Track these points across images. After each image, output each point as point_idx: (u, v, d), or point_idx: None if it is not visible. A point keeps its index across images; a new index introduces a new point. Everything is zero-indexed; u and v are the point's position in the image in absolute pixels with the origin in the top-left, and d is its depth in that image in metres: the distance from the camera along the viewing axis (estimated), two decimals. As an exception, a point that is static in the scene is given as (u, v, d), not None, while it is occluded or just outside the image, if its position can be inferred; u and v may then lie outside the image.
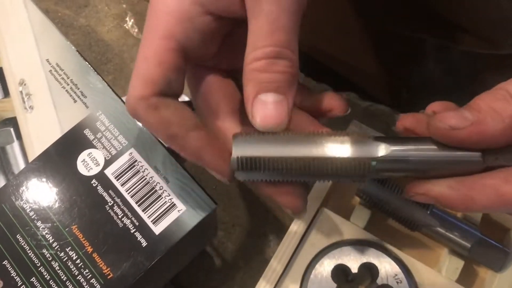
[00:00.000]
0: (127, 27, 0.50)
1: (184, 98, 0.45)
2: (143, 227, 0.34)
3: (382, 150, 0.27)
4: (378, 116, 0.45)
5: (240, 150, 0.28)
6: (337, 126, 0.37)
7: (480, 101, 0.26)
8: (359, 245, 0.38)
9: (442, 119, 0.26)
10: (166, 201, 0.34)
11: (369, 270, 0.37)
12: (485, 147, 0.26)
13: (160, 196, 0.34)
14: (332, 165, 0.27)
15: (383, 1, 0.47)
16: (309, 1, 0.31)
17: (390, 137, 0.28)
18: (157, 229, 0.34)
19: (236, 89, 0.33)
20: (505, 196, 0.25)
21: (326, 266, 0.37)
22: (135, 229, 0.34)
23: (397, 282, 0.36)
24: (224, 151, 0.30)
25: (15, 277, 0.34)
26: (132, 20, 0.50)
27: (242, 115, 0.31)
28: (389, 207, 0.38)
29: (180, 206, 0.34)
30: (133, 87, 0.29)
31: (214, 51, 0.31)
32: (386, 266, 0.37)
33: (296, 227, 0.38)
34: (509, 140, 0.25)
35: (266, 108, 0.29)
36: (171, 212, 0.34)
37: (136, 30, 0.50)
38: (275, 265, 0.37)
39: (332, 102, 0.34)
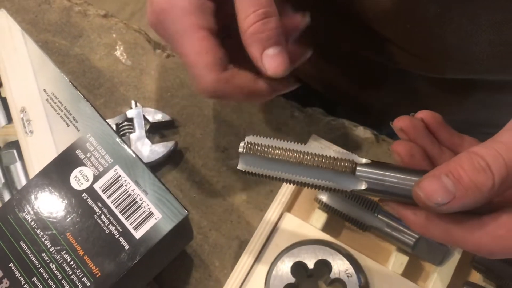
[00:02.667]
0: (117, 55, 0.56)
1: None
2: (126, 233, 0.39)
3: (362, 185, 0.32)
4: (339, 129, 0.50)
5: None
6: (296, 138, 0.43)
7: (461, 170, 0.28)
8: (316, 244, 0.43)
9: (428, 197, 0.28)
10: (145, 210, 0.40)
11: (325, 266, 0.43)
12: None
13: (140, 206, 0.40)
14: (319, 187, 0.33)
15: (340, 27, 0.52)
16: None
17: (376, 167, 0.32)
18: (138, 234, 0.39)
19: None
20: (453, 238, 0.30)
21: (286, 263, 0.42)
22: (119, 235, 0.39)
23: (348, 276, 0.42)
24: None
25: (19, 277, 0.40)
26: (121, 49, 0.56)
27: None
28: (343, 211, 0.43)
29: (157, 214, 0.40)
30: (202, 76, 0.37)
31: (220, 24, 0.39)
32: (338, 263, 0.42)
33: (262, 229, 0.44)
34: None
35: (273, 60, 0.36)
36: (149, 220, 0.40)
37: (125, 57, 0.56)
38: (244, 262, 0.43)
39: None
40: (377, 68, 0.55)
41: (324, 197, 0.44)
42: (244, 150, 0.34)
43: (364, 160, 0.33)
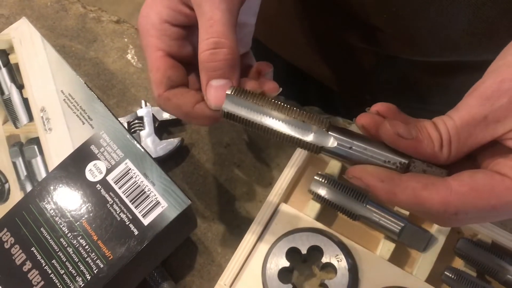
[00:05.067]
0: (128, 58, 0.60)
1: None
2: (135, 220, 0.44)
3: (332, 142, 0.34)
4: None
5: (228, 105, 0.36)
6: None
7: (424, 125, 0.32)
8: (309, 232, 0.47)
9: (393, 126, 0.32)
10: (152, 200, 0.44)
11: (317, 251, 0.46)
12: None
13: (148, 196, 0.44)
14: (293, 140, 0.35)
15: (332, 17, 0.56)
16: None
17: (343, 131, 0.35)
18: (146, 221, 0.43)
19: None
20: (420, 199, 0.31)
21: (282, 248, 0.46)
22: (129, 222, 0.44)
23: (338, 261, 0.45)
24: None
25: (40, 260, 0.44)
26: (132, 52, 0.60)
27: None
28: (335, 202, 0.47)
29: (163, 203, 0.44)
30: (152, 89, 0.40)
31: (188, 48, 0.42)
32: (329, 248, 0.46)
33: (260, 218, 0.48)
34: (434, 160, 0.32)
35: (214, 92, 0.36)
36: (156, 208, 0.44)
37: (136, 60, 0.60)
38: (243, 248, 0.47)
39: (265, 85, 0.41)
40: (366, 55, 0.59)
41: (317, 189, 0.47)
42: (232, 92, 0.36)
43: (338, 124, 0.35)
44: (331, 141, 0.35)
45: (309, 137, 0.35)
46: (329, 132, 0.35)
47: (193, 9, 0.38)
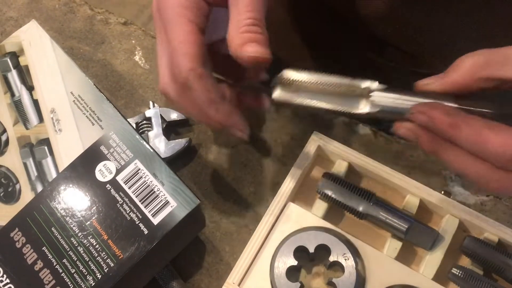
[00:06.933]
0: (136, 59, 0.61)
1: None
2: (145, 219, 0.44)
3: (376, 108, 0.37)
4: (339, 126, 0.54)
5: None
6: (300, 135, 0.47)
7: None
8: (316, 231, 0.47)
9: (419, 81, 0.35)
10: (162, 200, 0.44)
11: (324, 250, 0.47)
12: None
13: (157, 195, 0.45)
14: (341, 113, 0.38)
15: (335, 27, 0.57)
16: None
17: (389, 91, 0.37)
18: (156, 221, 0.44)
19: None
20: (482, 137, 0.32)
21: (289, 247, 0.46)
22: (139, 221, 0.44)
23: (345, 260, 0.46)
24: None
25: (51, 259, 0.44)
26: (140, 54, 0.61)
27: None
28: (341, 201, 0.47)
29: (173, 203, 0.44)
30: (181, 62, 0.37)
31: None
32: (336, 247, 0.46)
33: (267, 218, 0.48)
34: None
35: (251, 47, 0.36)
36: (165, 208, 0.44)
37: (143, 61, 0.61)
38: (251, 247, 0.47)
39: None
40: (370, 65, 0.59)
41: (324, 189, 0.48)
42: (276, 83, 0.39)
43: (380, 87, 0.37)
44: (375, 108, 0.37)
45: (352, 109, 0.38)
46: (371, 98, 0.37)
47: None
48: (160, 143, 0.54)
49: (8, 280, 0.44)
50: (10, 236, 0.46)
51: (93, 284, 0.43)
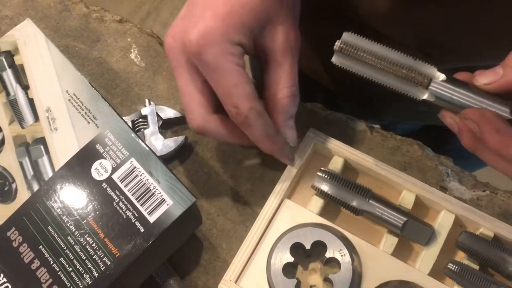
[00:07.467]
0: (131, 57, 0.61)
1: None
2: (141, 217, 0.44)
3: (432, 98, 0.38)
4: (336, 122, 0.54)
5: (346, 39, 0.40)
6: (299, 129, 0.48)
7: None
8: (313, 227, 0.47)
9: (478, 77, 0.36)
10: (158, 198, 0.44)
11: (321, 247, 0.47)
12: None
13: (153, 193, 0.45)
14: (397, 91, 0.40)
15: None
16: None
17: (451, 82, 0.38)
18: (152, 219, 0.44)
19: None
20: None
21: (286, 244, 0.46)
22: (135, 219, 0.44)
23: (341, 256, 0.46)
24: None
25: (48, 258, 0.45)
26: (135, 51, 0.61)
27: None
28: (337, 197, 0.48)
29: (169, 201, 0.44)
30: (240, 102, 0.41)
31: None
32: (333, 243, 0.46)
33: (264, 214, 0.48)
34: None
35: (292, 131, 0.45)
36: (161, 206, 0.44)
37: (139, 59, 0.60)
38: (247, 244, 0.47)
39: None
40: None
41: (321, 185, 0.48)
42: (338, 48, 0.40)
43: (440, 78, 0.38)
44: (431, 97, 0.38)
45: (411, 92, 0.39)
46: (429, 88, 0.38)
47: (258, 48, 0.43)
48: (156, 141, 0.54)
49: (5, 280, 0.45)
50: (7, 235, 0.46)
51: (90, 282, 0.43)
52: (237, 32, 0.41)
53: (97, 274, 0.43)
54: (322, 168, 0.49)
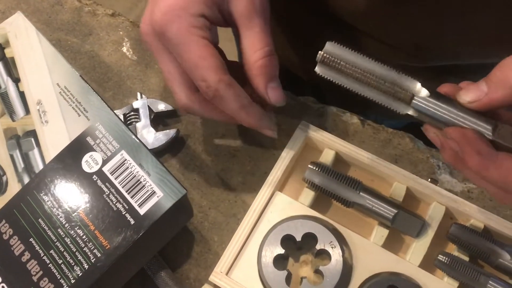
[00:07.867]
0: (124, 50, 0.61)
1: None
2: (131, 210, 0.44)
3: (415, 113, 0.38)
4: (328, 115, 0.54)
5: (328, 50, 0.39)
6: (288, 124, 0.47)
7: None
8: (303, 219, 0.47)
9: (462, 94, 0.35)
10: (148, 190, 0.44)
11: (311, 239, 0.47)
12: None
13: (144, 186, 0.45)
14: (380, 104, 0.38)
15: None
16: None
17: (434, 97, 0.37)
18: (142, 211, 0.44)
19: None
20: (508, 179, 0.33)
21: (277, 236, 0.46)
22: (125, 211, 0.44)
23: (332, 247, 0.46)
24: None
25: (39, 250, 0.44)
26: (128, 45, 0.61)
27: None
28: (328, 189, 0.48)
29: (159, 193, 0.44)
30: (208, 75, 0.40)
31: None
32: (323, 235, 0.46)
33: (255, 207, 0.48)
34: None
35: (276, 91, 0.43)
36: (152, 198, 0.44)
37: (131, 53, 0.60)
38: (238, 236, 0.47)
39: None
40: None
41: (312, 177, 0.48)
42: (321, 58, 0.39)
43: (423, 93, 0.37)
44: (414, 112, 0.38)
45: (393, 106, 0.38)
46: (412, 103, 0.37)
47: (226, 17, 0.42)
48: (148, 134, 0.54)
49: (-5, 272, 0.45)
50: (-3, 228, 0.46)
51: (80, 274, 0.43)
52: (197, 4, 0.40)
53: (87, 266, 0.43)
54: (313, 161, 0.49)
